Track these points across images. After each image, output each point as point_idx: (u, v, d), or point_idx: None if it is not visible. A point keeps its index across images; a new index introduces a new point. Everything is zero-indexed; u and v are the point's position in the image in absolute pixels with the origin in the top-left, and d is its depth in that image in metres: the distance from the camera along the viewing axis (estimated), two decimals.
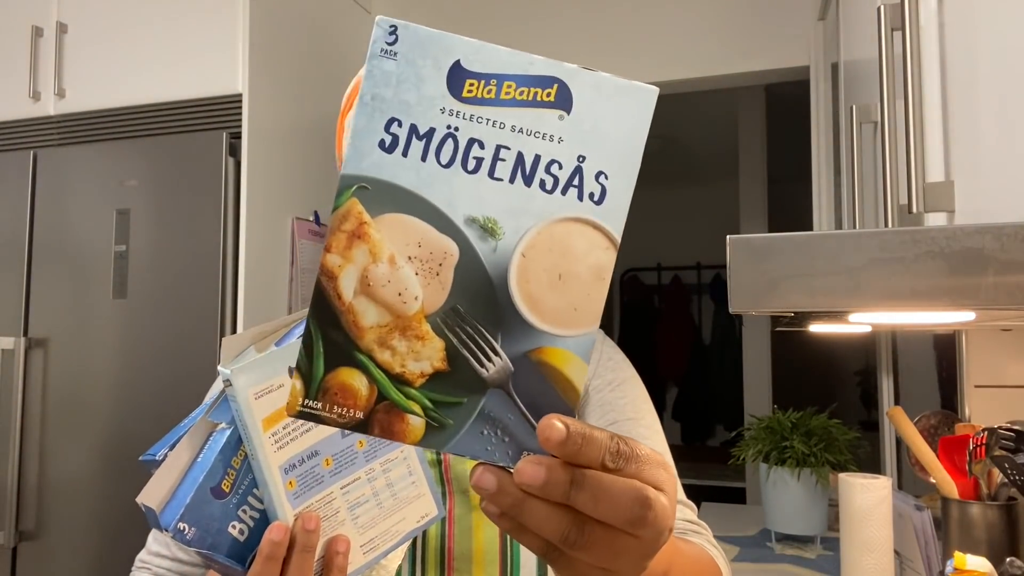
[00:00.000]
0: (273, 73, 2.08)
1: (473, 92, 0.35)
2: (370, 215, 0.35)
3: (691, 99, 3.71)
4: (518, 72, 0.35)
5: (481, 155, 0.35)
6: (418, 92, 0.35)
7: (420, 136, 0.35)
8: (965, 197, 0.70)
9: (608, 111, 0.35)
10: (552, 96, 0.35)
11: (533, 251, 0.35)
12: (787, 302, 0.53)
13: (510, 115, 0.35)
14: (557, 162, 0.35)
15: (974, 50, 0.69)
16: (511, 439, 0.36)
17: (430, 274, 0.35)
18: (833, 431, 1.72)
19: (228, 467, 0.55)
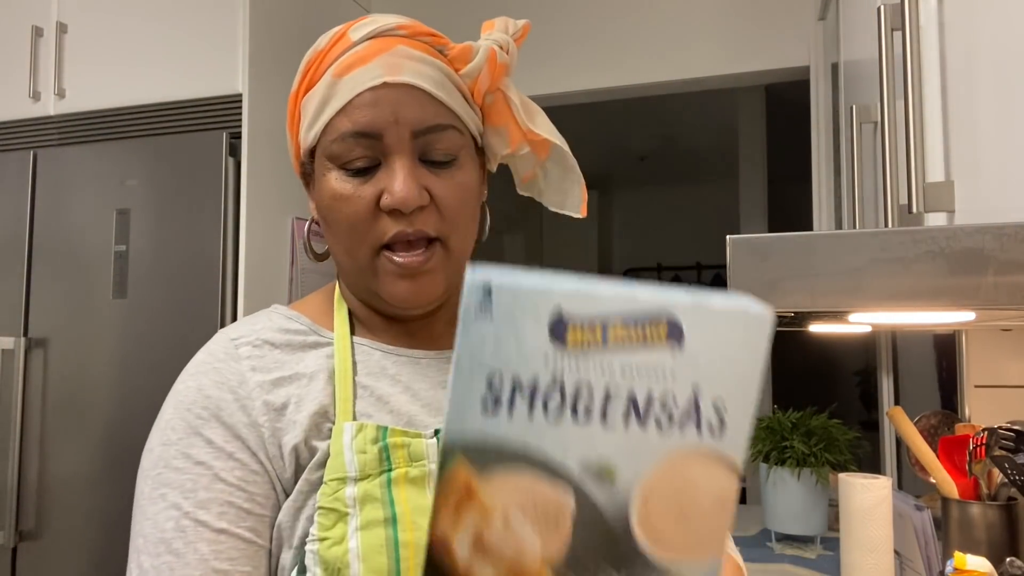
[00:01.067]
0: (273, 73, 2.08)
1: (578, 339, 0.33)
2: (479, 477, 0.33)
3: (691, 99, 3.71)
4: (623, 310, 0.33)
5: (590, 401, 0.33)
6: (519, 347, 0.33)
7: (524, 391, 0.33)
8: (965, 197, 0.70)
9: (722, 340, 0.34)
10: (662, 332, 0.33)
11: (653, 491, 0.34)
12: (787, 302, 0.53)
13: (618, 357, 0.33)
14: (672, 398, 0.34)
15: (974, 50, 0.69)
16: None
17: (547, 527, 0.34)
18: (833, 431, 1.72)
19: None
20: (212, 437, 0.62)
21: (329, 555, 0.58)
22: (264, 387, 0.64)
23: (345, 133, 0.63)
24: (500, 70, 0.68)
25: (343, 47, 0.65)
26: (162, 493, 0.62)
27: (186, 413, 0.64)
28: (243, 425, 0.63)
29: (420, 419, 0.66)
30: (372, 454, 0.61)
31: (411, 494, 0.60)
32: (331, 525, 0.59)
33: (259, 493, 0.61)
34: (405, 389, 0.67)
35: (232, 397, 0.64)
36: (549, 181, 0.74)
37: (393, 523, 0.59)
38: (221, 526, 0.60)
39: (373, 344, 0.70)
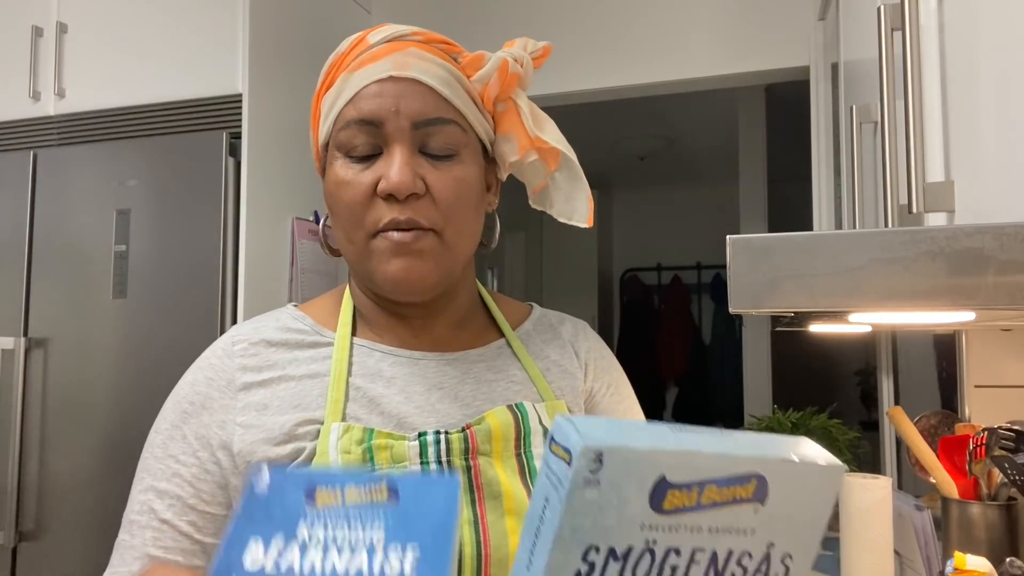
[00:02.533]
0: (273, 73, 2.08)
1: (675, 503, 0.34)
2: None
3: (691, 99, 3.71)
4: (720, 474, 0.34)
5: (677, 562, 0.34)
6: (619, 515, 0.33)
7: (617, 558, 0.34)
8: (965, 197, 0.70)
9: (799, 496, 0.35)
10: (750, 492, 0.35)
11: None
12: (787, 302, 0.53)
13: (708, 518, 0.34)
14: (748, 553, 0.35)
15: (974, 50, 0.69)
16: None
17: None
18: (833, 431, 1.72)
19: None
20: (187, 432, 0.67)
21: None
22: (250, 387, 0.67)
23: (350, 120, 0.66)
24: (511, 80, 0.71)
25: (361, 49, 0.68)
26: (141, 477, 0.67)
27: (176, 406, 0.69)
28: (216, 424, 0.66)
29: (411, 420, 0.67)
30: (356, 455, 0.63)
31: None
32: None
33: (206, 491, 0.65)
34: (400, 391, 0.68)
35: (217, 395, 0.67)
36: (558, 192, 0.76)
37: None
38: (166, 517, 0.64)
39: (373, 345, 0.71)
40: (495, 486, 0.65)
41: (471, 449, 0.65)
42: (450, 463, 0.65)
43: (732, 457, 0.34)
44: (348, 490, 0.40)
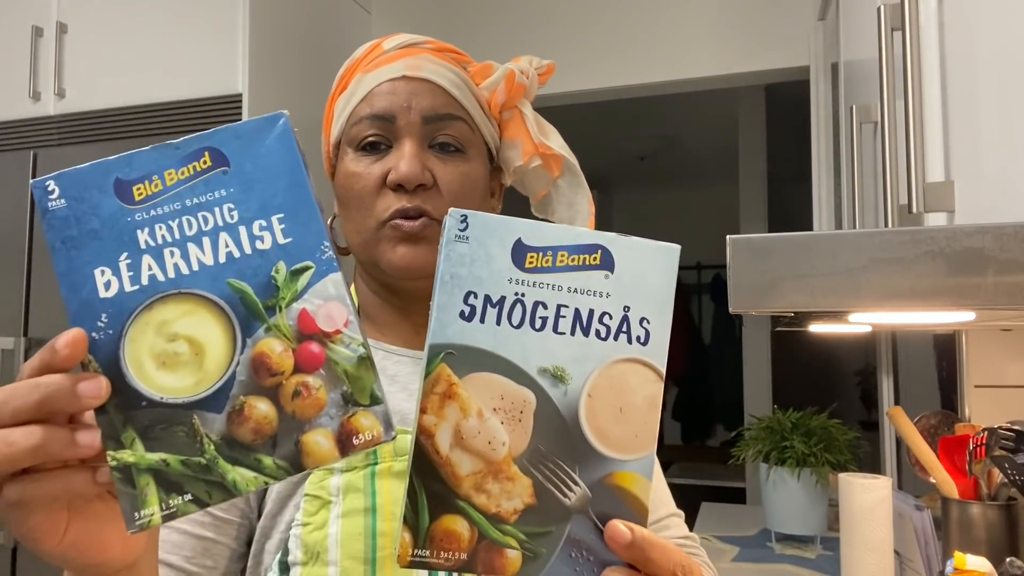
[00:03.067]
0: (273, 73, 2.08)
1: (534, 263, 0.41)
2: (458, 376, 0.40)
3: (691, 99, 3.71)
4: (568, 242, 0.42)
5: (545, 314, 0.41)
6: (488, 268, 0.41)
7: (493, 304, 0.41)
8: (965, 197, 0.70)
9: (643, 267, 0.42)
10: (597, 259, 0.42)
11: (597, 391, 0.41)
12: (787, 302, 0.53)
13: (565, 279, 0.42)
14: (608, 313, 0.42)
15: (974, 50, 0.69)
16: (595, 557, 0.41)
17: (513, 421, 0.40)
18: (833, 431, 1.72)
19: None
20: None
21: (310, 539, 0.61)
22: None
23: (363, 116, 0.68)
24: (518, 90, 0.74)
25: (376, 54, 0.72)
26: None
27: None
28: None
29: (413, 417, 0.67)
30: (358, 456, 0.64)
31: (393, 486, 0.63)
32: (315, 511, 0.62)
33: None
34: (402, 388, 0.70)
35: None
36: (561, 198, 0.78)
37: (373, 512, 0.62)
38: None
39: (376, 344, 0.72)
40: None
41: None
42: None
43: (576, 231, 0.42)
44: (167, 173, 0.39)
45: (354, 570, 0.60)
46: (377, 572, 0.61)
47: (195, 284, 0.38)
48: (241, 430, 0.38)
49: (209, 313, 0.38)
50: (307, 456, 0.39)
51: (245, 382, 0.38)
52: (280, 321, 0.39)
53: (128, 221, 0.38)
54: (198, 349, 0.38)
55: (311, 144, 2.48)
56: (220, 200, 0.39)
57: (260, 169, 0.40)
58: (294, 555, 0.62)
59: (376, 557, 0.61)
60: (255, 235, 0.39)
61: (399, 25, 2.63)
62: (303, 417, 0.39)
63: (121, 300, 0.38)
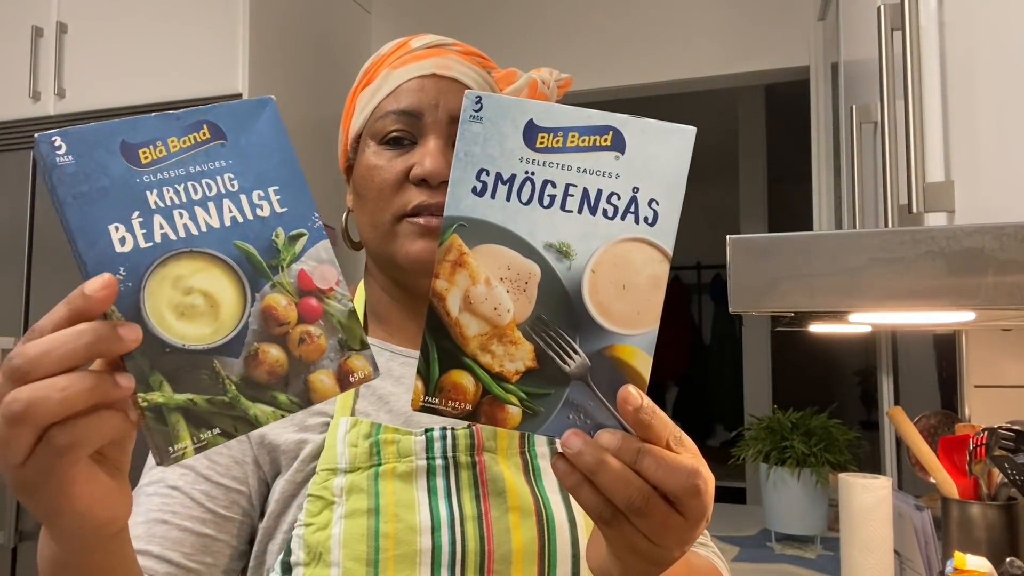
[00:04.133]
0: (273, 73, 2.08)
1: (545, 143, 0.43)
2: (468, 247, 0.43)
3: (691, 99, 3.71)
4: (579, 124, 0.43)
5: (554, 192, 0.43)
6: (501, 146, 0.43)
7: (504, 181, 0.43)
8: (965, 197, 0.70)
9: (655, 149, 0.43)
10: (608, 141, 0.43)
11: (601, 267, 0.43)
12: (787, 302, 0.53)
13: (575, 159, 0.43)
14: (616, 194, 0.43)
15: (974, 50, 0.69)
16: (592, 421, 0.43)
17: (518, 291, 0.43)
18: (833, 431, 1.72)
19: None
20: None
21: (312, 540, 0.61)
22: None
23: (389, 111, 0.69)
24: (539, 98, 0.75)
25: (403, 51, 0.72)
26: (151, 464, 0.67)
27: None
28: None
29: (418, 418, 0.68)
30: (363, 448, 0.64)
31: (397, 487, 0.63)
32: (318, 512, 0.62)
33: (220, 463, 0.66)
34: (408, 390, 0.70)
35: None
36: None
37: (376, 514, 0.62)
38: (177, 484, 0.65)
39: (384, 345, 0.73)
40: (499, 482, 0.65)
41: (477, 445, 0.66)
42: (456, 459, 0.65)
43: (587, 112, 0.43)
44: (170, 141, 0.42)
45: (356, 571, 0.60)
46: (380, 574, 0.60)
47: (205, 243, 0.42)
48: (257, 372, 0.42)
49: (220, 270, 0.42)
50: (314, 392, 0.43)
51: (257, 331, 0.43)
52: (283, 279, 0.43)
53: (137, 182, 0.41)
54: (213, 302, 0.42)
55: (313, 141, 2.48)
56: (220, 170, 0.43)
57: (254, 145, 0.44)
58: (296, 556, 0.62)
59: (379, 559, 0.61)
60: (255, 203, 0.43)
61: (399, 25, 2.63)
62: (308, 359, 0.43)
63: (137, 255, 0.40)
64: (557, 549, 0.65)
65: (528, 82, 0.75)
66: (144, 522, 0.62)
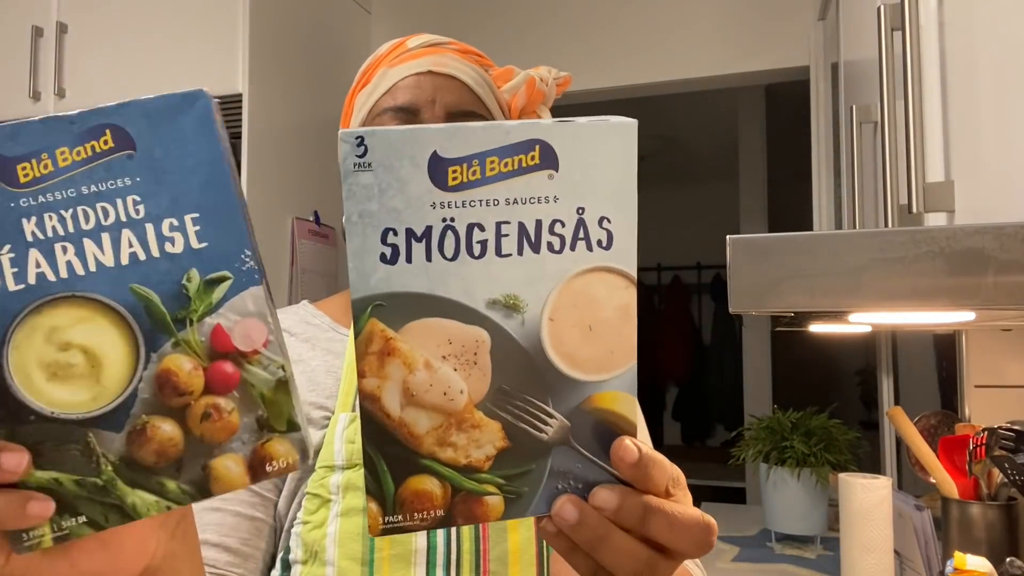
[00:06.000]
0: (273, 73, 2.08)
1: (459, 178, 0.34)
2: (393, 330, 0.35)
3: (691, 99, 3.71)
4: (496, 145, 0.35)
5: (484, 237, 0.35)
6: (404, 196, 0.34)
7: (419, 238, 0.35)
8: (965, 197, 0.70)
9: (594, 156, 0.35)
10: (536, 158, 0.35)
11: (559, 312, 0.36)
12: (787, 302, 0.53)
13: (501, 189, 0.35)
14: (559, 221, 0.36)
15: (974, 50, 0.69)
16: (584, 484, 0.37)
17: (468, 365, 0.36)
18: (833, 431, 1.72)
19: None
20: None
21: (309, 538, 0.61)
22: None
23: (386, 108, 0.68)
24: (537, 95, 0.75)
25: (400, 51, 0.72)
26: None
27: None
28: None
29: None
30: (360, 444, 0.64)
31: None
32: (315, 510, 0.63)
33: None
34: None
35: None
36: None
37: None
38: None
39: None
40: None
41: None
42: None
43: (503, 127, 0.34)
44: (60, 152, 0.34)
45: (351, 571, 0.60)
46: (375, 573, 0.61)
47: (92, 287, 0.34)
48: (143, 451, 0.35)
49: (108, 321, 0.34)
50: (215, 481, 0.36)
51: (148, 400, 0.35)
52: (191, 336, 0.35)
53: (11, 207, 0.33)
54: (95, 361, 0.34)
55: (313, 141, 2.48)
56: (123, 190, 0.34)
57: (172, 157, 0.34)
58: (295, 553, 0.62)
59: (374, 558, 0.61)
60: (164, 235, 0.34)
61: (399, 25, 2.63)
62: (212, 441, 0.35)
63: (3, 300, 0.33)
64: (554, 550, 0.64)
65: (526, 80, 0.75)
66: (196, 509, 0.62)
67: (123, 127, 0.34)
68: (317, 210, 2.21)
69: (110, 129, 0.34)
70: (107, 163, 0.34)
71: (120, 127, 0.34)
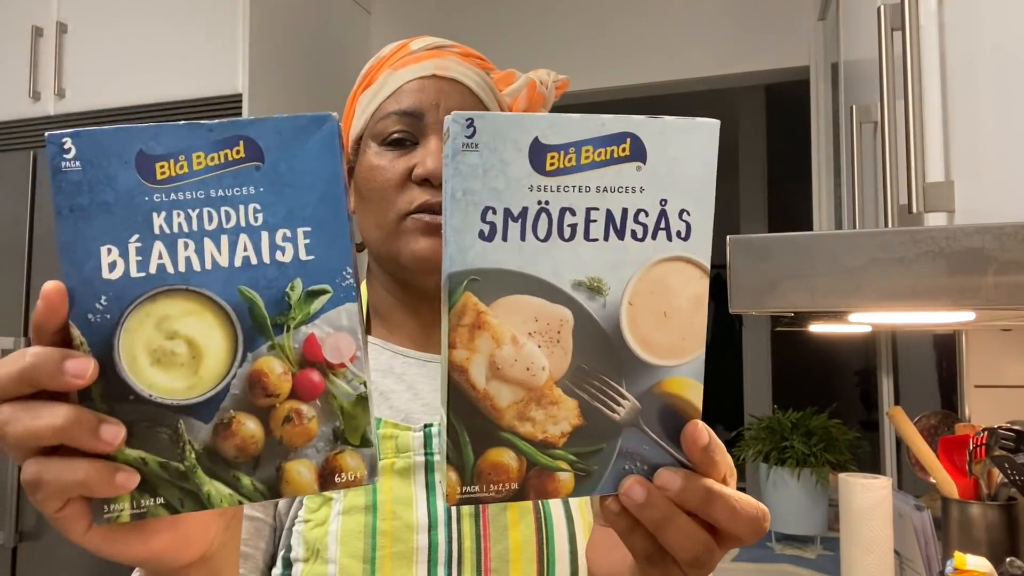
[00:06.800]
0: (273, 73, 2.08)
1: (556, 164, 0.37)
2: (485, 304, 0.37)
3: (691, 99, 3.71)
4: (592, 135, 0.37)
5: (574, 221, 0.37)
6: (505, 176, 0.36)
7: (515, 218, 0.37)
8: (965, 197, 0.70)
9: (679, 152, 0.38)
10: (627, 150, 0.37)
11: (638, 297, 0.38)
12: (787, 302, 0.53)
13: (593, 177, 0.37)
14: (643, 211, 0.38)
15: (974, 50, 0.69)
16: (649, 466, 0.39)
17: (551, 343, 0.38)
18: (833, 431, 1.71)
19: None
20: None
21: (311, 536, 0.62)
22: None
23: (390, 112, 0.68)
24: (538, 99, 0.75)
25: (403, 53, 0.72)
26: None
27: None
28: None
29: (417, 416, 0.69)
30: None
31: (394, 484, 0.64)
32: (316, 508, 0.63)
33: None
34: (408, 388, 0.70)
35: None
36: None
37: (373, 511, 0.62)
38: None
39: (385, 344, 0.73)
40: None
41: None
42: None
43: (599, 119, 0.37)
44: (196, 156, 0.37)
45: (353, 569, 0.60)
46: (376, 571, 0.61)
47: (205, 283, 0.36)
48: (226, 444, 0.37)
49: (214, 317, 0.36)
50: (286, 483, 0.37)
51: (238, 396, 0.37)
52: (286, 341, 0.37)
53: (145, 200, 0.36)
54: (196, 352, 0.36)
55: None
56: (247, 198, 0.37)
57: (295, 173, 0.37)
58: (296, 551, 0.62)
59: (375, 556, 0.61)
60: (277, 244, 0.37)
61: (399, 25, 2.63)
62: (290, 444, 0.37)
63: (124, 285, 0.36)
64: (555, 547, 0.65)
65: (527, 83, 0.75)
66: None
67: (256, 140, 0.37)
68: None
69: (244, 140, 0.37)
70: (236, 171, 0.37)
71: (253, 140, 0.37)
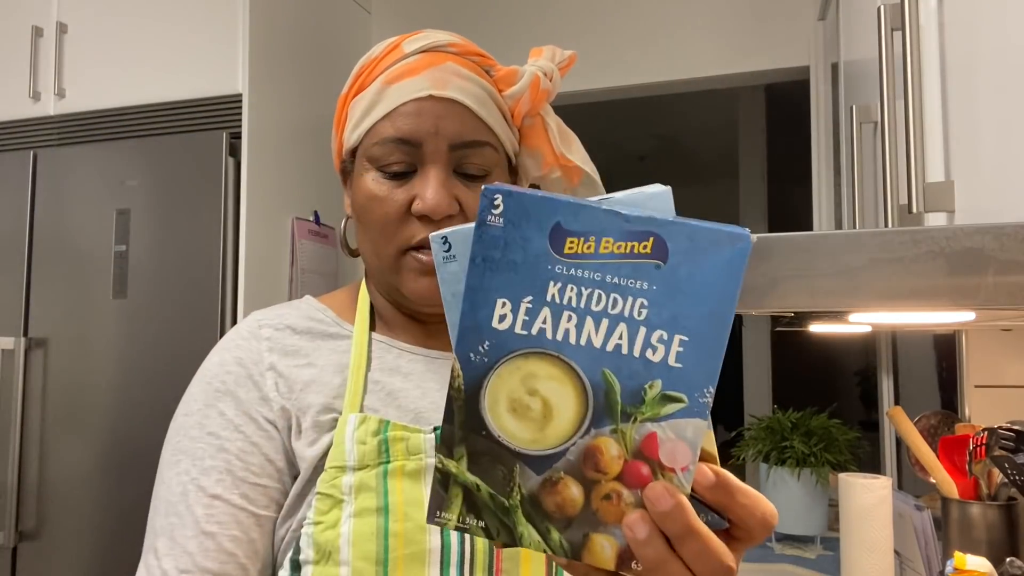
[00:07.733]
0: (273, 73, 2.08)
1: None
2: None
3: (691, 99, 3.71)
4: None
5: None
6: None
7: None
8: (965, 197, 0.70)
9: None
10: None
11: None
12: (787, 302, 0.53)
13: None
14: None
15: (974, 50, 0.69)
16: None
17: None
18: (833, 431, 1.71)
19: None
20: (224, 410, 0.67)
21: (322, 538, 0.61)
22: (277, 367, 0.68)
23: (387, 138, 0.66)
24: (541, 96, 0.72)
25: (396, 57, 0.69)
26: (177, 459, 0.66)
27: (207, 386, 0.68)
28: (254, 400, 0.67)
29: (427, 415, 0.68)
30: (371, 445, 0.64)
31: (406, 486, 0.63)
32: (327, 510, 0.62)
33: (255, 464, 0.65)
34: (416, 386, 0.70)
35: (246, 373, 0.68)
36: None
37: (385, 512, 0.62)
38: (216, 491, 0.64)
39: (391, 342, 0.72)
40: None
41: None
42: None
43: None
44: (605, 240, 0.38)
45: (366, 571, 0.60)
46: (389, 573, 0.60)
47: (574, 356, 0.39)
48: (548, 498, 0.40)
49: (573, 388, 0.39)
50: (588, 551, 0.40)
51: (572, 463, 0.40)
52: (628, 431, 0.39)
53: (548, 268, 0.39)
54: (548, 413, 0.40)
55: (313, 141, 2.47)
56: (638, 291, 0.38)
57: (692, 282, 0.38)
58: (305, 554, 0.62)
59: (388, 558, 0.61)
60: (651, 343, 0.38)
61: (399, 25, 2.63)
62: (603, 519, 0.40)
63: (507, 337, 0.39)
64: None
65: (530, 83, 0.72)
66: (194, 536, 0.62)
67: (666, 241, 0.38)
68: (317, 210, 2.21)
69: (654, 238, 0.38)
70: (637, 264, 0.38)
71: (663, 240, 0.38)
